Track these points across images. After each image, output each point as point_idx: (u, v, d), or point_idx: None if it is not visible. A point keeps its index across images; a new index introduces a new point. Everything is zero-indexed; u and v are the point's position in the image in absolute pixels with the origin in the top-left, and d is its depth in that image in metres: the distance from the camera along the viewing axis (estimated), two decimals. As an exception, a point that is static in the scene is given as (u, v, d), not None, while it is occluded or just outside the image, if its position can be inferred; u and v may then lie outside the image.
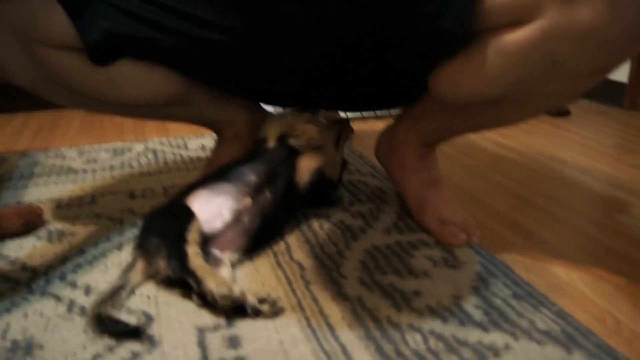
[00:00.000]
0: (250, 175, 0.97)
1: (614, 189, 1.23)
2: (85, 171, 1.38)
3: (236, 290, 0.75)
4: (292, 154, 1.05)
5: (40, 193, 1.24)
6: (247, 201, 0.93)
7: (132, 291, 0.83)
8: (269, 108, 1.30)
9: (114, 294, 0.79)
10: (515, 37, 0.77)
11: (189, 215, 0.86)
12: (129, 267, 0.85)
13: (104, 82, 0.97)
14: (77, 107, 1.12)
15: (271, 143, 1.05)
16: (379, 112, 1.84)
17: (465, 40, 0.82)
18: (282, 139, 1.06)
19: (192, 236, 0.82)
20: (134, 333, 0.73)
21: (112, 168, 1.40)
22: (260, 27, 0.94)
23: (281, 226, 1.01)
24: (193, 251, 0.80)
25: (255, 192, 0.95)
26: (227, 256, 0.88)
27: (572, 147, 1.54)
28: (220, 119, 1.17)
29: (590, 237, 1.01)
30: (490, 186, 1.25)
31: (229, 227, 0.89)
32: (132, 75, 0.99)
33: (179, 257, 0.80)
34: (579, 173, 1.33)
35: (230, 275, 0.84)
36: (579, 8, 0.71)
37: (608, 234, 1.01)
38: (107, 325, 0.74)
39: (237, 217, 0.91)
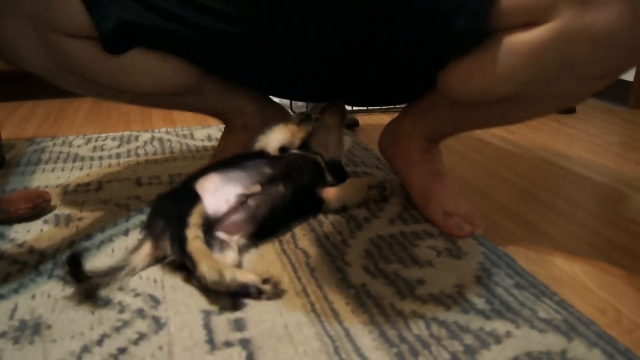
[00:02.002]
0: (266, 168, 0.98)
1: (618, 185, 1.24)
2: (92, 158, 1.39)
3: (228, 277, 0.75)
4: (316, 166, 1.07)
5: (47, 179, 1.25)
6: (256, 188, 0.94)
7: (134, 272, 0.84)
8: (277, 99, 1.31)
9: (110, 273, 0.80)
10: (528, 37, 0.77)
11: (194, 199, 0.87)
12: (134, 249, 0.86)
13: (117, 71, 0.98)
14: (89, 95, 1.13)
15: (272, 153, 1.06)
16: (384, 106, 1.85)
17: (478, 39, 0.83)
18: (282, 149, 1.07)
19: (194, 219, 0.83)
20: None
21: (118, 156, 1.41)
22: (276, 21, 0.94)
23: (289, 220, 1.01)
24: (193, 235, 0.81)
25: (267, 182, 0.96)
26: (234, 240, 0.89)
27: (577, 143, 1.54)
28: (230, 109, 1.18)
29: (593, 231, 1.01)
30: (495, 180, 1.25)
31: (234, 211, 0.90)
32: (145, 64, 1.00)
33: (180, 240, 0.81)
34: (584, 169, 1.33)
35: (234, 259, 0.85)
36: (595, 11, 0.71)
37: (611, 228, 1.02)
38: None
39: (242, 202, 0.91)
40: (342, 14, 0.91)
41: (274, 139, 1.07)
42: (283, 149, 1.07)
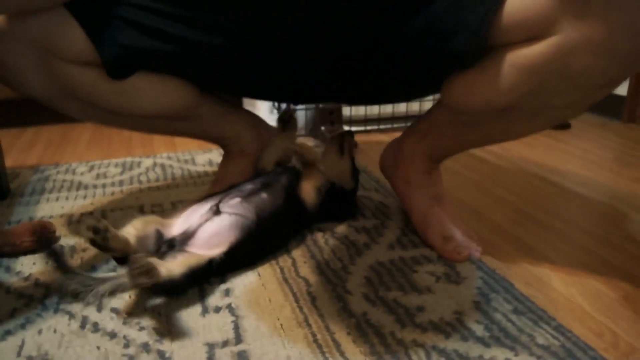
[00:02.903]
0: (248, 185, 1.03)
1: (613, 202, 1.26)
2: (95, 186, 1.41)
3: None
4: (291, 170, 1.11)
5: (52, 209, 1.26)
6: (234, 200, 0.97)
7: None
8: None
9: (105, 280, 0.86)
10: (530, 52, 0.79)
11: None
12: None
13: (119, 95, 1.00)
14: (90, 121, 1.15)
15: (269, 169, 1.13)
16: (382, 126, 1.87)
17: (479, 56, 0.85)
18: (279, 164, 1.13)
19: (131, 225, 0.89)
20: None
21: (121, 183, 1.43)
22: (270, 32, 0.96)
23: (284, 234, 1.05)
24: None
25: (247, 194, 1.00)
26: (214, 253, 0.91)
27: (571, 160, 1.56)
28: (227, 134, 1.20)
29: (588, 251, 1.03)
30: (491, 200, 1.27)
31: (207, 221, 0.93)
32: (146, 87, 1.02)
33: None
34: (579, 186, 1.35)
35: (173, 264, 0.86)
36: (594, 23, 0.73)
37: (606, 248, 1.03)
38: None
39: (214, 210, 0.94)
40: (336, 28, 0.93)
41: (269, 153, 1.15)
42: (280, 163, 1.14)
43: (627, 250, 1.02)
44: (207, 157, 1.63)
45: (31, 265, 1.00)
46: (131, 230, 0.89)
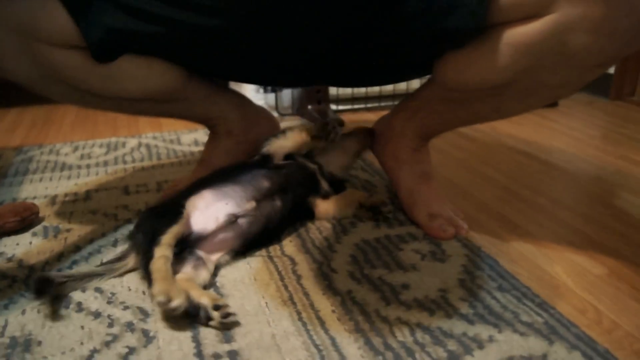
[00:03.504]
0: (264, 181, 0.99)
1: (599, 181, 1.26)
2: (79, 167, 1.39)
3: (175, 303, 0.74)
4: (311, 176, 1.08)
5: (35, 189, 1.25)
6: (250, 205, 0.94)
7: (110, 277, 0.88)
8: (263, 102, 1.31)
9: (86, 277, 0.85)
10: (527, 29, 0.78)
11: (175, 217, 0.87)
12: (118, 258, 0.89)
13: (104, 78, 0.98)
14: (74, 104, 1.13)
15: (277, 159, 1.06)
16: (369, 104, 1.86)
17: (475, 35, 0.84)
18: (289, 156, 1.07)
19: (166, 239, 0.83)
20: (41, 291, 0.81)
21: (106, 163, 1.41)
22: (260, 10, 0.94)
23: (281, 233, 1.01)
24: (160, 254, 0.81)
25: (263, 197, 0.96)
26: (215, 257, 0.90)
27: (559, 138, 1.56)
28: (213, 115, 1.18)
29: (574, 228, 1.03)
30: (478, 179, 1.27)
31: (222, 229, 0.91)
32: (132, 70, 0.99)
33: (146, 256, 0.82)
34: (566, 164, 1.35)
35: (205, 278, 0.86)
36: (591, 1, 0.72)
37: (592, 225, 1.03)
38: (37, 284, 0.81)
39: (232, 221, 0.92)
40: (329, 8, 0.90)
41: (284, 145, 1.07)
42: (289, 156, 1.07)
43: (612, 227, 1.03)
44: (192, 137, 1.62)
45: (14, 246, 0.99)
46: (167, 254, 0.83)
